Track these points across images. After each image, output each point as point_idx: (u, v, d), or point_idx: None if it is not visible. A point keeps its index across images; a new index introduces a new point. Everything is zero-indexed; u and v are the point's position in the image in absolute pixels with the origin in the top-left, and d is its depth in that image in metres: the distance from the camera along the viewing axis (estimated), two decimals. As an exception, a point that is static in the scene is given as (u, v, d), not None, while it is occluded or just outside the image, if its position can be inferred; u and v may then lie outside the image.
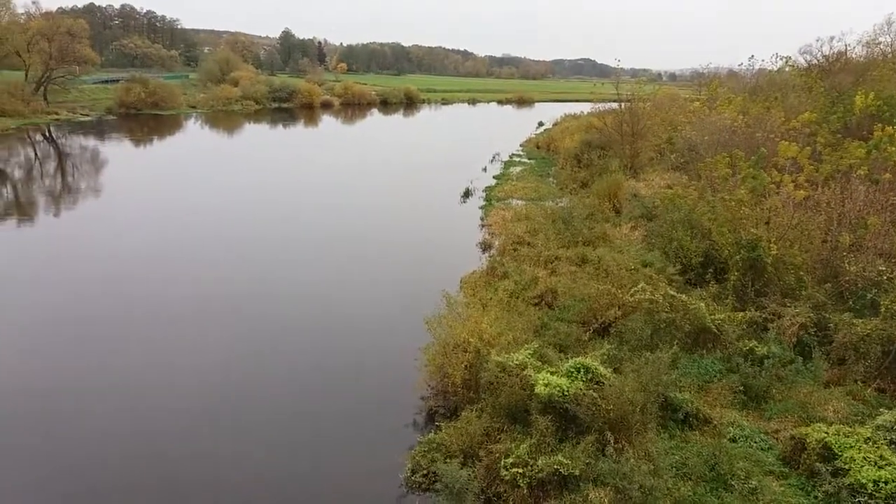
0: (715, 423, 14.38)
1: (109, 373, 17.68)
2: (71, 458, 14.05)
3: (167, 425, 15.34)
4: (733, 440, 13.87)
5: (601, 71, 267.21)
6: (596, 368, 13.74)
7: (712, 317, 17.60)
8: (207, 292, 23.75)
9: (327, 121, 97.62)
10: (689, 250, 22.19)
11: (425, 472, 13.26)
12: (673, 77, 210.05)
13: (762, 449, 13.62)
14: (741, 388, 15.62)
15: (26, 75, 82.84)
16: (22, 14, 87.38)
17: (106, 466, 13.84)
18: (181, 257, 28.02)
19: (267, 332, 20.76)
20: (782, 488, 12.34)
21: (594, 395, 13.07)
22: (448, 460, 12.91)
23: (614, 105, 49.28)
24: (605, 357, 15.25)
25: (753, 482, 12.18)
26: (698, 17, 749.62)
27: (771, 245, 19.69)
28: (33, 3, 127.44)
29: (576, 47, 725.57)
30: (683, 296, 18.20)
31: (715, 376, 16.33)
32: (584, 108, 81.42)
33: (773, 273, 19.74)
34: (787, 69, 49.14)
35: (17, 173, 48.49)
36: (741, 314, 18.14)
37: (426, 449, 13.78)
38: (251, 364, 18.60)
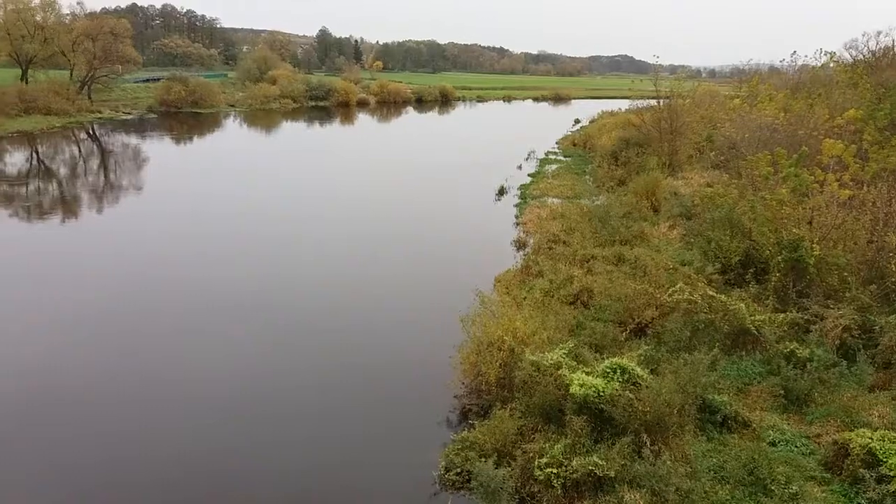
0: (754, 426, 14.10)
1: (149, 364, 18.06)
2: (121, 443, 14.39)
3: (203, 417, 15.61)
4: (773, 444, 13.59)
5: (639, 67, 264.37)
6: (633, 369, 13.59)
7: (752, 318, 17.26)
8: (245, 287, 24.08)
9: (363, 119, 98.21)
10: (728, 250, 21.80)
11: (459, 470, 13.24)
12: (712, 74, 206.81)
13: (803, 454, 13.32)
14: (782, 391, 15.30)
15: (71, 74, 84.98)
16: (67, 15, 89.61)
17: (148, 450, 14.15)
18: (222, 253, 28.47)
19: (302, 327, 20.99)
20: (824, 494, 12.06)
21: (630, 396, 12.93)
22: (482, 459, 12.88)
23: (653, 102, 48.61)
24: (642, 358, 15.08)
25: (794, 487, 11.91)
26: (739, 13, 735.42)
27: (814, 245, 19.24)
28: (78, 3, 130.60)
29: (613, 44, 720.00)
30: (723, 296, 17.90)
31: (754, 379, 16.03)
32: (622, 104, 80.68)
33: (815, 274, 19.29)
34: (831, 65, 47.93)
35: (63, 170, 49.81)
36: (782, 315, 17.75)
37: (460, 447, 13.77)
38: (288, 358, 18.82)
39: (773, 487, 11.97)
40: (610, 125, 64.11)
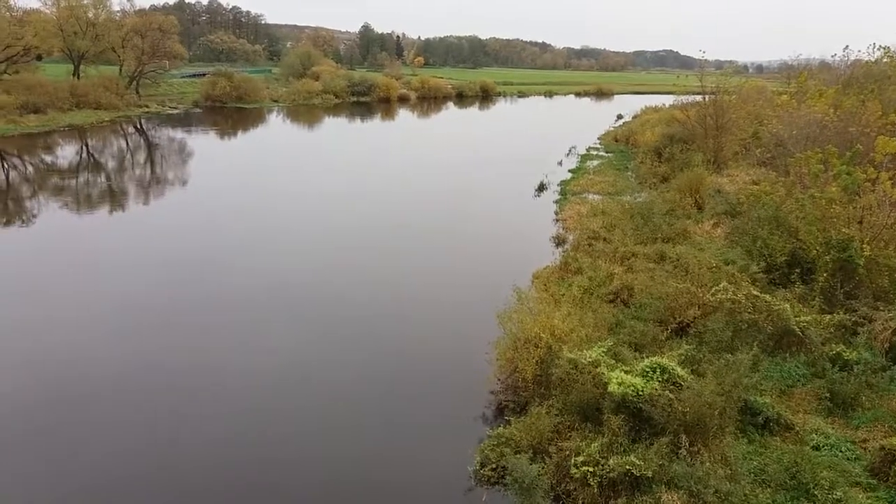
0: (797, 429, 13.79)
1: (197, 355, 18.45)
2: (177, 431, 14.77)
3: (244, 404, 15.89)
4: (817, 448, 13.28)
5: (684, 62, 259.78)
6: (673, 369, 13.42)
7: (797, 319, 16.87)
8: (285, 280, 24.39)
9: (403, 114, 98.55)
10: (774, 249, 21.33)
11: (494, 465, 13.24)
12: (760, 69, 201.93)
13: (848, 458, 12.98)
14: (827, 394, 14.93)
15: (120, 70, 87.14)
16: (118, 11, 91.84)
17: (194, 435, 14.50)
18: (266, 245, 28.89)
19: (341, 319, 21.17)
20: (869, 501, 11.74)
21: (670, 395, 12.78)
22: (517, 455, 12.86)
23: (698, 97, 47.76)
24: (683, 358, 14.86)
25: (838, 493, 11.62)
26: (790, 6, 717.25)
27: (864, 245, 18.70)
28: (128, 0, 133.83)
29: (658, 38, 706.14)
30: (767, 296, 17.52)
31: (798, 381, 15.68)
32: (666, 100, 79.57)
33: (864, 275, 18.77)
34: (885, 60, 46.36)
35: (111, 163, 51.12)
36: (829, 317, 17.31)
37: (495, 443, 13.76)
38: (327, 349, 19.05)
39: (816, 492, 11.69)
40: (653, 121, 63.28)
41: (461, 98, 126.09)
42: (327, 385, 17.20)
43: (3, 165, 48.15)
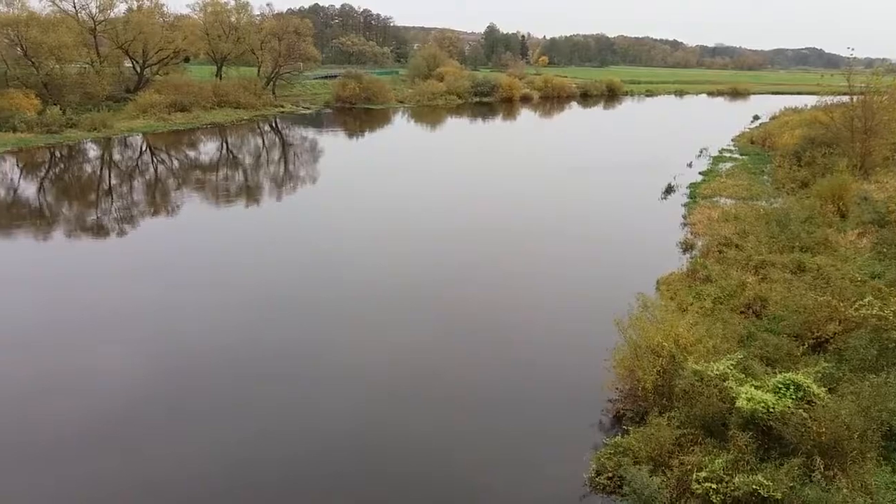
0: (953, 462, 12.55)
1: (325, 345, 19.29)
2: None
3: (366, 396, 16.41)
4: (975, 484, 12.02)
5: (829, 61, 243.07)
6: (808, 386, 12.65)
7: (956, 340, 15.34)
8: (402, 280, 25.02)
9: (525, 114, 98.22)
10: (929, 263, 19.54)
11: (610, 475, 12.95)
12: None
13: None
14: None
15: (258, 71, 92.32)
16: (257, 15, 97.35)
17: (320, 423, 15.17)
18: (386, 245, 29.77)
19: (460, 318, 21.44)
20: None
21: (804, 414, 12.04)
22: (635, 466, 12.50)
23: (844, 98, 44.52)
24: (820, 375, 13.94)
25: None
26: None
27: None
28: (268, 5, 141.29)
29: (800, 35, 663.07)
30: (920, 314, 16.04)
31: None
32: (808, 101, 74.74)
33: None
34: None
35: (248, 160, 54.31)
36: None
37: (612, 451, 13.47)
38: (448, 349, 19.33)
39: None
40: (793, 122, 59.70)
41: (585, 98, 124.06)
42: (446, 384, 17.44)
43: (152, 160, 52.34)
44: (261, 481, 13.22)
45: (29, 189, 41.10)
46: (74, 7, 72.46)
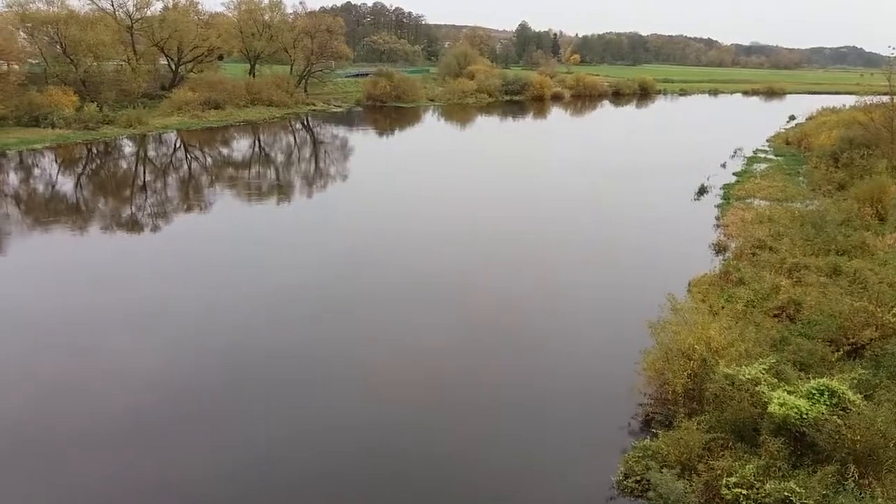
0: None
1: (353, 344, 19.43)
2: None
3: (392, 397, 16.47)
4: None
5: (869, 60, 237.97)
6: (843, 393, 12.40)
7: None
8: (440, 275, 25.12)
9: (555, 113, 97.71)
10: (972, 268, 19.01)
11: (638, 478, 12.83)
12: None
13: None
14: None
15: (291, 69, 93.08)
16: (290, 14, 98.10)
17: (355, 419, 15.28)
18: (417, 243, 29.89)
19: (491, 318, 21.39)
20: None
21: (839, 421, 11.79)
22: (663, 470, 12.37)
23: (885, 98, 43.48)
24: (856, 382, 13.63)
25: None
26: None
27: None
28: (300, 3, 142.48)
29: (838, 33, 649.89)
30: (961, 320, 15.64)
31: None
32: (846, 101, 73.21)
33: None
34: None
35: (279, 157, 54.85)
36: None
37: (640, 455, 13.36)
38: (475, 352, 19.26)
39: None
40: (830, 123, 58.44)
41: (617, 96, 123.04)
42: (478, 383, 17.40)
43: (186, 156, 53.11)
44: (296, 479, 13.37)
45: (67, 184, 41.95)
46: (112, 5, 73.78)
